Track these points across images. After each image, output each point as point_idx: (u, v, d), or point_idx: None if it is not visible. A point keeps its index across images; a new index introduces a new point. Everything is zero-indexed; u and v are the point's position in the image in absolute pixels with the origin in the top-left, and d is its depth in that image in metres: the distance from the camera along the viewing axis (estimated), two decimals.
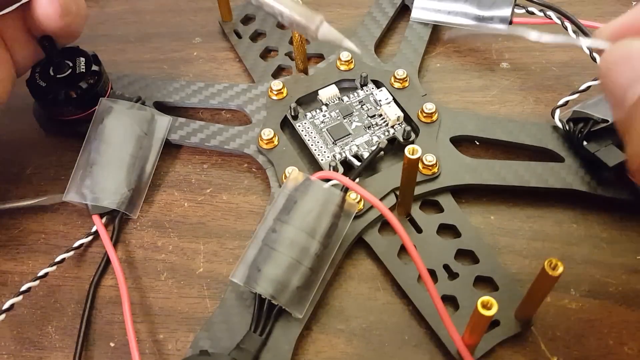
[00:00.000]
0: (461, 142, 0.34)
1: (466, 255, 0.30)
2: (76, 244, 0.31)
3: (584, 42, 0.21)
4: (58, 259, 0.30)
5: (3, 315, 0.28)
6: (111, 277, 0.31)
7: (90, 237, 0.32)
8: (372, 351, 0.28)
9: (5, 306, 0.28)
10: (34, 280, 0.30)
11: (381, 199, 0.31)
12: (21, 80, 0.34)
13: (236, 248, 0.32)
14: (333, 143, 0.34)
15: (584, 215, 0.32)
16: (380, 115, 0.35)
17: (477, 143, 0.35)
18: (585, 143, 0.32)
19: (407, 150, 0.27)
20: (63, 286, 0.31)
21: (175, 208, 0.34)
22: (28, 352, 0.29)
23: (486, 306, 0.23)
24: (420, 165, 0.32)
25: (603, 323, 0.28)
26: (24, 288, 0.29)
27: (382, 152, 0.33)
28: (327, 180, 0.28)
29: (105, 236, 0.31)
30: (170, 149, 0.35)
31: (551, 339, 0.28)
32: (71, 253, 0.31)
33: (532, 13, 0.37)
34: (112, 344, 0.29)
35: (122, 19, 0.43)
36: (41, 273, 0.30)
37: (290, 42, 0.39)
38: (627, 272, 0.30)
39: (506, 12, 0.37)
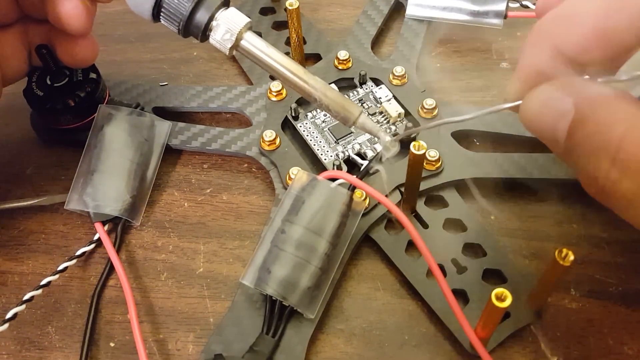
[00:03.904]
0: (462, 137, 0.34)
1: (473, 249, 0.30)
2: (79, 252, 0.31)
3: (504, 106, 0.23)
4: (61, 267, 0.30)
5: (6, 325, 0.28)
6: (111, 277, 0.31)
7: (92, 245, 0.32)
8: (372, 351, 0.28)
9: (9, 315, 0.28)
10: (37, 289, 0.29)
11: (386, 196, 0.31)
12: (19, 85, 0.34)
13: (236, 248, 0.32)
14: (335, 142, 0.34)
15: (584, 215, 0.32)
16: (381, 112, 0.35)
17: (477, 143, 0.35)
18: None
19: (413, 146, 0.27)
20: (63, 287, 0.31)
21: (175, 208, 0.34)
22: (28, 352, 0.29)
23: (500, 298, 0.23)
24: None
25: (603, 323, 0.28)
26: (26, 297, 0.29)
27: None
28: (334, 179, 0.28)
29: (108, 244, 0.31)
30: (170, 150, 0.35)
31: (551, 339, 0.28)
32: (74, 261, 0.31)
33: (527, 7, 0.37)
34: (112, 344, 0.29)
35: (122, 19, 0.43)
36: (44, 282, 0.30)
37: (287, 43, 0.39)
38: (627, 272, 0.30)
39: (501, 6, 0.37)
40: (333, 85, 0.36)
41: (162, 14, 0.28)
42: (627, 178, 0.19)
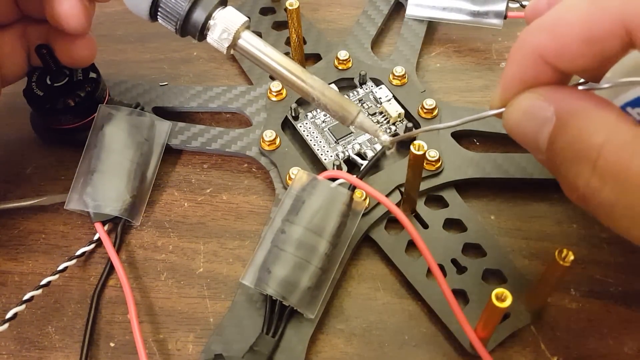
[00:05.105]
0: (462, 137, 0.34)
1: (473, 249, 0.30)
2: (79, 252, 0.31)
3: (488, 113, 0.24)
4: (61, 267, 0.30)
5: (6, 325, 0.28)
6: (111, 277, 0.31)
7: (92, 245, 0.32)
8: (372, 351, 0.28)
9: (9, 315, 0.28)
10: (37, 289, 0.29)
11: (386, 196, 0.31)
12: (19, 85, 0.34)
13: (236, 248, 0.32)
14: (335, 142, 0.34)
15: (584, 215, 0.32)
16: (381, 112, 0.35)
17: (477, 143, 0.35)
18: None
19: (413, 146, 0.27)
20: (63, 287, 0.31)
21: (175, 208, 0.34)
22: (28, 352, 0.29)
23: (500, 298, 0.23)
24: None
25: (603, 323, 0.28)
26: (26, 297, 0.29)
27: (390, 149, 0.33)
28: (334, 179, 0.28)
29: (108, 244, 0.31)
30: (170, 150, 0.35)
31: (551, 339, 0.28)
32: (74, 261, 0.31)
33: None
34: (112, 344, 0.29)
35: (122, 19, 0.43)
36: (44, 282, 0.30)
37: (287, 43, 0.39)
38: (627, 272, 0.30)
39: (501, 6, 0.37)
40: (332, 85, 0.36)
41: (159, 13, 0.28)
42: (606, 186, 0.20)
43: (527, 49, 0.22)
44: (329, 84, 0.36)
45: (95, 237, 0.32)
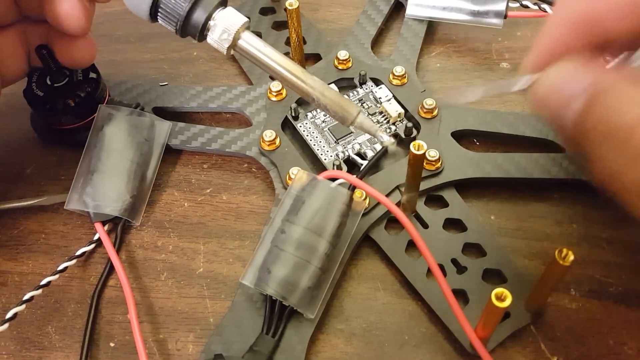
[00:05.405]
0: (462, 137, 0.34)
1: (473, 249, 0.30)
2: (79, 252, 0.31)
3: (516, 85, 0.22)
4: (61, 267, 0.30)
5: (6, 325, 0.28)
6: (111, 277, 0.31)
7: (92, 245, 0.32)
8: (372, 351, 0.28)
9: (9, 315, 0.28)
10: (37, 289, 0.29)
11: (386, 196, 0.31)
12: (19, 85, 0.34)
13: (236, 248, 0.32)
14: (335, 142, 0.34)
15: (584, 215, 0.32)
16: (381, 112, 0.35)
17: (477, 143, 0.35)
18: None
19: (413, 145, 0.27)
20: (63, 287, 0.31)
21: (175, 208, 0.34)
22: (28, 352, 0.29)
23: (500, 298, 0.23)
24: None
25: (603, 323, 0.28)
26: (26, 297, 0.29)
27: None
28: (334, 179, 0.28)
29: (108, 244, 0.31)
30: (170, 150, 0.35)
31: (551, 339, 0.28)
32: (74, 261, 0.31)
33: (527, 7, 0.37)
34: (112, 344, 0.29)
35: (122, 19, 0.43)
36: (44, 282, 0.30)
37: (287, 43, 0.39)
38: (627, 272, 0.30)
39: (501, 6, 0.37)
40: (332, 85, 0.36)
41: (159, 14, 0.28)
42: (637, 167, 0.19)
43: (569, 11, 0.20)
44: (329, 84, 0.36)
45: (95, 237, 0.32)
